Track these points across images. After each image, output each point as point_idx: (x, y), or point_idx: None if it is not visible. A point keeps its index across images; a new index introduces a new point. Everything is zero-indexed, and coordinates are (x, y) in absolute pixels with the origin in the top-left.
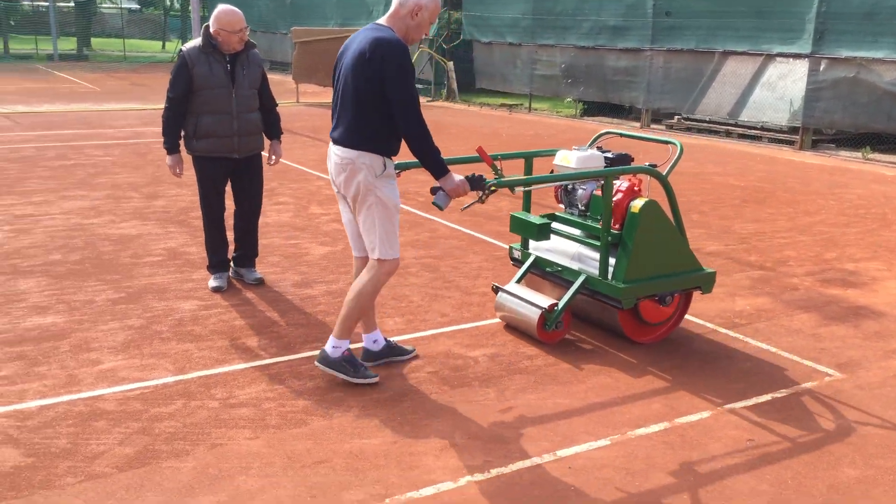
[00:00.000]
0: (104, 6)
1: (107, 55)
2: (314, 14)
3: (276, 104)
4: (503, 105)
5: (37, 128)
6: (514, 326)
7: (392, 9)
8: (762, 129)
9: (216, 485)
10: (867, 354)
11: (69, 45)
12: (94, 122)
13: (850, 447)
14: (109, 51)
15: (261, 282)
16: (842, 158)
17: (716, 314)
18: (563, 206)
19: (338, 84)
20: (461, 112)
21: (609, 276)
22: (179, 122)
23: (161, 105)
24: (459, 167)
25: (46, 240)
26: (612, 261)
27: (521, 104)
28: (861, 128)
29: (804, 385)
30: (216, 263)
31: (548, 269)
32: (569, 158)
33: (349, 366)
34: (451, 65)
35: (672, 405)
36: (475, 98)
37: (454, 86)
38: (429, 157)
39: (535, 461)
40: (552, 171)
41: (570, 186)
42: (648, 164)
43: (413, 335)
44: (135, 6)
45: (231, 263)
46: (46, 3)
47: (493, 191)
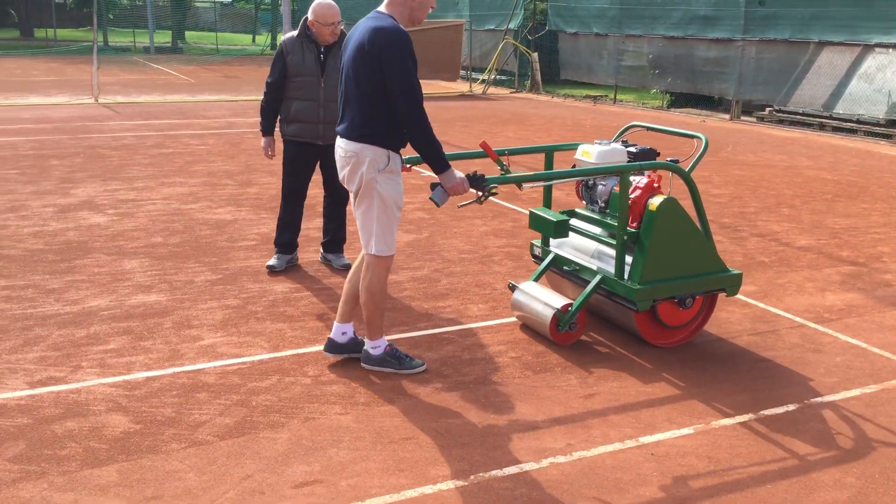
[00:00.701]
0: (198, 2)
1: (200, 48)
2: None
3: None
4: (587, 96)
5: (136, 117)
6: (530, 326)
7: None
8: (858, 122)
9: (310, 455)
10: None
11: (164, 39)
12: (189, 113)
13: None
14: (203, 44)
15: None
16: None
17: (805, 309)
18: (585, 203)
19: (341, 76)
20: (544, 103)
21: (625, 277)
22: (274, 107)
23: (253, 96)
24: (468, 163)
25: (148, 223)
26: (630, 259)
27: (606, 95)
28: None
29: (894, 382)
30: (279, 243)
31: (565, 268)
32: (589, 153)
33: (393, 360)
34: (536, 56)
35: (757, 397)
36: (559, 89)
37: (538, 77)
38: (429, 151)
39: (618, 446)
40: (573, 167)
41: (591, 182)
42: (670, 160)
43: (496, 321)
44: (227, 0)
45: (321, 249)
46: None
47: (495, 192)
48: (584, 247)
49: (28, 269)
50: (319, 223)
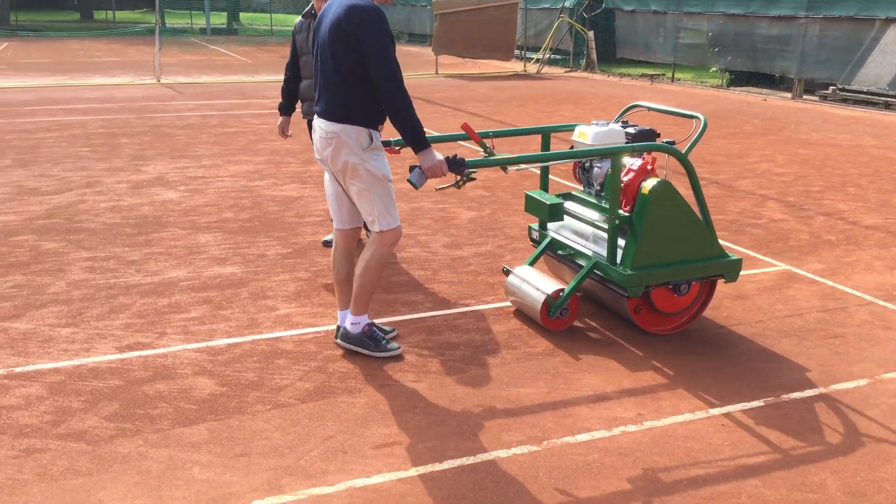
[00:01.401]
0: None
1: (254, 29)
2: None
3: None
4: (644, 75)
5: (198, 98)
6: (522, 311)
7: None
8: None
9: (387, 419)
10: None
11: (220, 20)
12: (249, 93)
13: None
14: (257, 25)
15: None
16: None
17: (874, 286)
18: (582, 185)
19: (316, 54)
20: (600, 82)
21: (617, 262)
22: (290, 86)
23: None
24: (453, 146)
25: (218, 199)
26: (623, 244)
27: (664, 74)
28: None
29: None
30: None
31: (559, 252)
32: (586, 134)
33: (370, 340)
34: (592, 34)
35: (828, 371)
36: (615, 68)
37: (594, 56)
38: (409, 130)
39: (688, 417)
40: (571, 147)
41: (588, 164)
42: (666, 141)
43: None
44: None
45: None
46: None
47: (473, 178)
48: (581, 230)
49: (108, 242)
50: None
